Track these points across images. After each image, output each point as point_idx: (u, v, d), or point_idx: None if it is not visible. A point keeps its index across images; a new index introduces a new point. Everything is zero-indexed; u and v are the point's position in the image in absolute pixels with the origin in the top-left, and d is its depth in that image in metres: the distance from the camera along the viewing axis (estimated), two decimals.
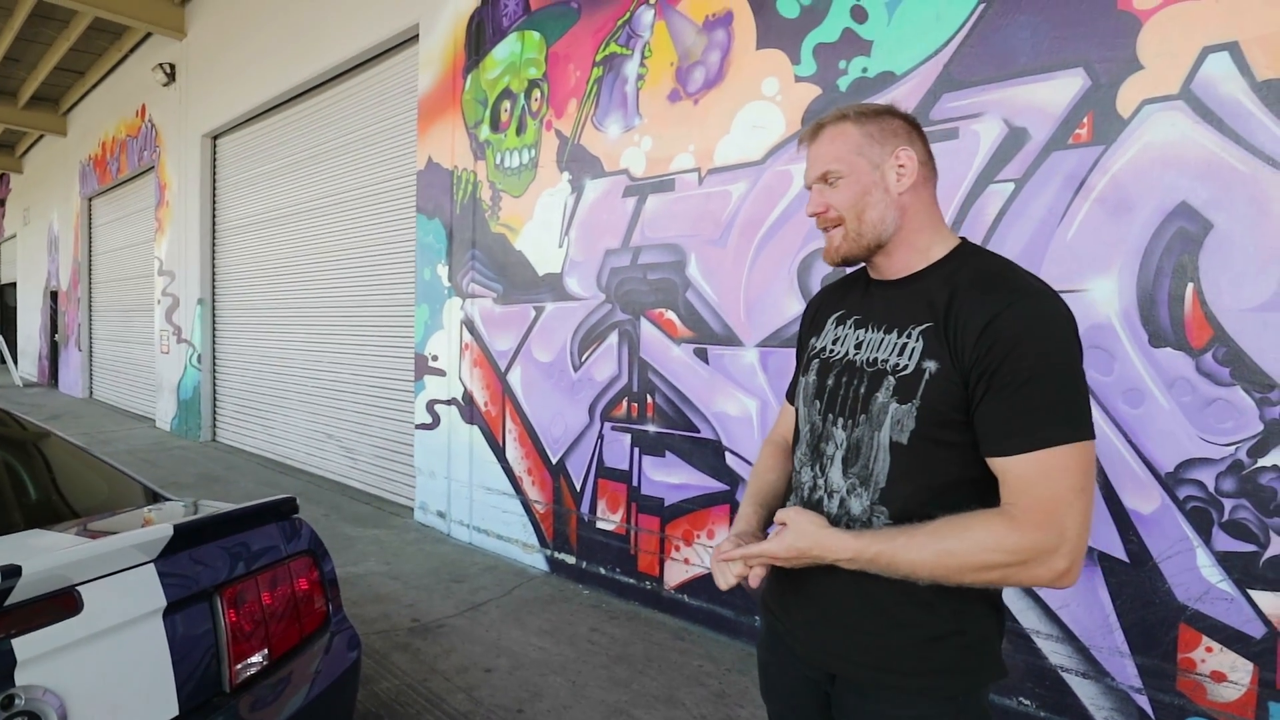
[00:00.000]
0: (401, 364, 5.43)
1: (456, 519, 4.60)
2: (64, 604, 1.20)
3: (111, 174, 10.67)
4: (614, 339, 3.63)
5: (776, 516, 1.07)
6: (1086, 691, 2.23)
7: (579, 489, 3.82)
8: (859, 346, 1.12)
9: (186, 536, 1.42)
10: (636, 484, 3.54)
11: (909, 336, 1.04)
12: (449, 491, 4.66)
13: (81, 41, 9.77)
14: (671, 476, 3.39)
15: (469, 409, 4.50)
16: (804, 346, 1.28)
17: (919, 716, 1.03)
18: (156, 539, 1.36)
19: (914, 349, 1.03)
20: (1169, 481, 2.08)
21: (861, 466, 1.06)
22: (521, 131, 4.11)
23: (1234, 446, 1.98)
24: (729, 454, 3.16)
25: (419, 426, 4.94)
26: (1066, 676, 2.26)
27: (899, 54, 2.62)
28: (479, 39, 4.37)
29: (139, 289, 10.23)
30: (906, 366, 1.03)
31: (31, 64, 10.84)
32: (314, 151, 6.47)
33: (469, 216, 4.47)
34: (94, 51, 10.30)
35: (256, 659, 1.50)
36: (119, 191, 10.88)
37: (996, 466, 0.97)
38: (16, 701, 1.09)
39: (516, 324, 4.17)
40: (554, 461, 3.96)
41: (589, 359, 3.76)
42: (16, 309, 17.84)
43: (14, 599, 1.13)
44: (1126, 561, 2.15)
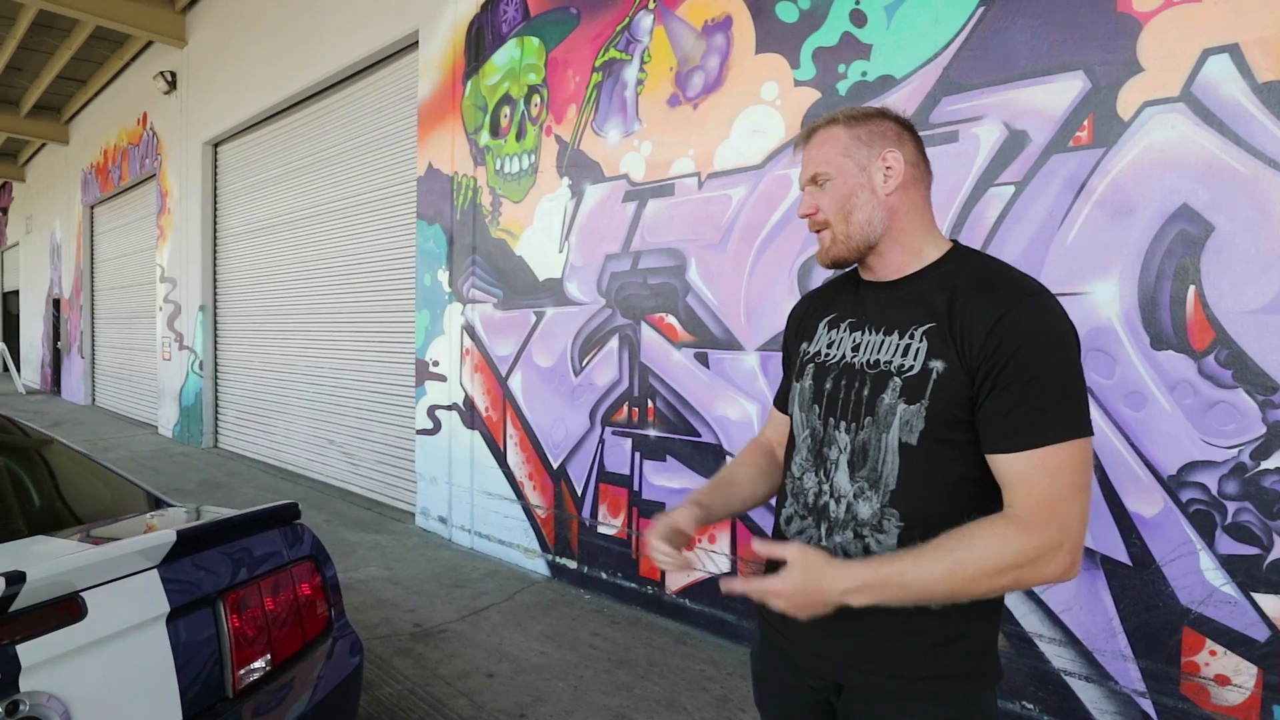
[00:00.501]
0: (402, 369, 5.43)
1: (458, 524, 4.60)
2: (68, 610, 1.20)
3: (113, 182, 10.71)
4: (614, 344, 3.64)
5: (778, 552, 1.01)
6: (1090, 695, 2.22)
7: (580, 494, 3.81)
8: (856, 349, 1.11)
9: (189, 542, 1.42)
10: (638, 488, 3.54)
11: (911, 337, 1.04)
12: (450, 497, 4.66)
13: (83, 50, 9.81)
14: (673, 481, 3.38)
15: (470, 414, 4.50)
16: (793, 353, 1.27)
17: None
18: (159, 545, 1.36)
19: (918, 349, 1.03)
20: (1171, 484, 2.08)
21: (870, 469, 1.05)
22: (521, 137, 4.12)
23: (1237, 449, 1.98)
24: (730, 458, 3.16)
25: (420, 432, 4.94)
26: (1070, 680, 2.26)
27: (898, 58, 2.62)
28: (479, 45, 4.39)
29: (141, 296, 10.25)
30: (912, 367, 1.02)
31: (34, 73, 10.88)
32: (315, 158, 6.49)
33: (469, 222, 4.48)
34: (95, 60, 10.35)
35: (259, 664, 1.49)
36: (121, 199, 10.91)
37: (999, 463, 0.97)
38: (21, 707, 1.09)
39: (517, 329, 4.18)
40: (555, 466, 3.96)
41: (590, 364, 3.76)
42: (19, 317, 17.89)
43: (18, 605, 1.13)
44: (1129, 565, 2.14)
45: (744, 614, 3.11)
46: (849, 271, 1.23)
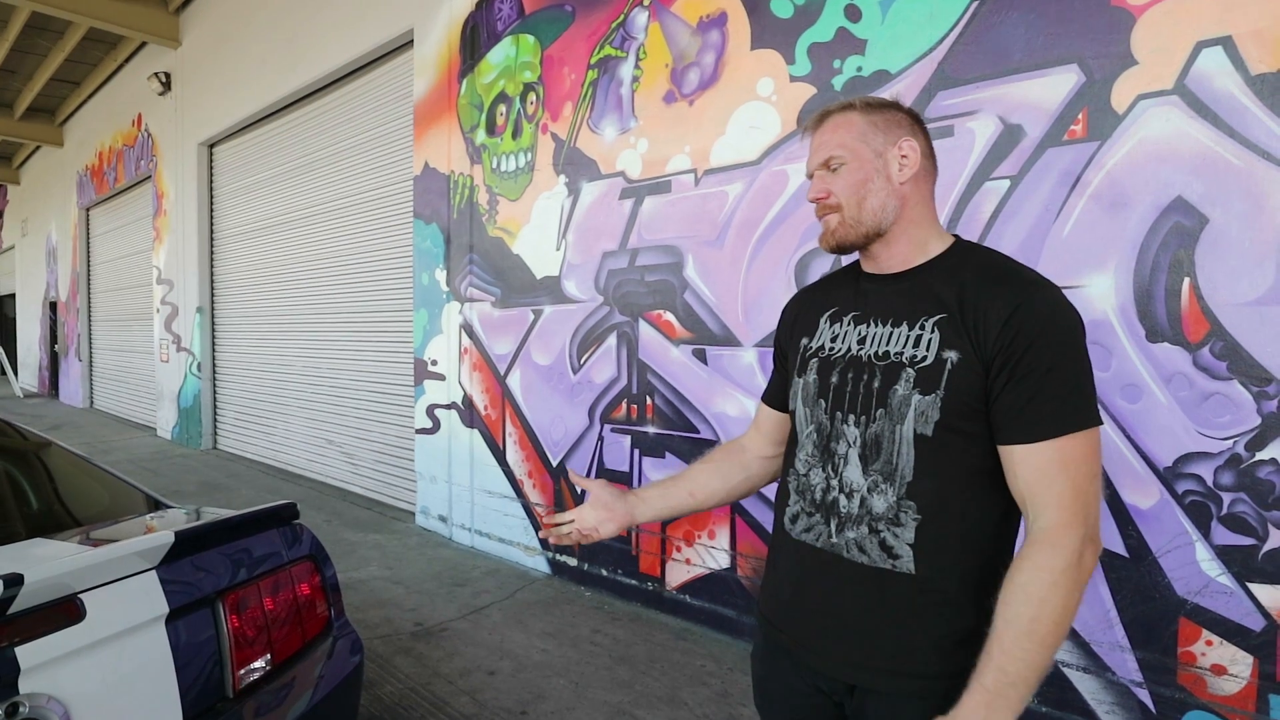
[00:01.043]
0: (401, 369, 5.43)
1: (458, 523, 4.60)
2: (67, 612, 1.20)
3: (109, 184, 10.68)
4: (612, 341, 3.64)
5: None
6: (1087, 686, 2.23)
7: (580, 491, 3.82)
8: (862, 341, 1.10)
9: (188, 543, 1.42)
10: (637, 485, 3.54)
11: (922, 328, 1.03)
12: (450, 496, 4.66)
13: (77, 52, 9.79)
14: None
15: (469, 413, 4.50)
16: (791, 349, 1.24)
17: None
18: (158, 546, 1.37)
19: (930, 340, 1.02)
20: (1167, 476, 2.08)
21: (884, 462, 1.03)
22: (517, 135, 4.12)
23: (1232, 440, 1.98)
24: None
25: (419, 431, 4.94)
26: (1067, 671, 2.26)
27: (893, 52, 2.62)
28: (474, 43, 4.38)
29: (138, 298, 10.23)
30: (926, 358, 1.01)
31: (27, 75, 10.86)
32: (310, 158, 6.48)
33: (466, 221, 4.48)
34: (89, 62, 10.31)
35: (259, 664, 1.50)
36: (116, 201, 10.89)
37: (1015, 454, 0.97)
38: (21, 709, 1.09)
39: (515, 327, 4.18)
40: (554, 464, 3.97)
41: (588, 361, 3.77)
42: (16, 320, 17.86)
43: (17, 607, 1.13)
44: (1126, 556, 2.15)
45: (744, 609, 3.12)
46: (846, 267, 1.23)
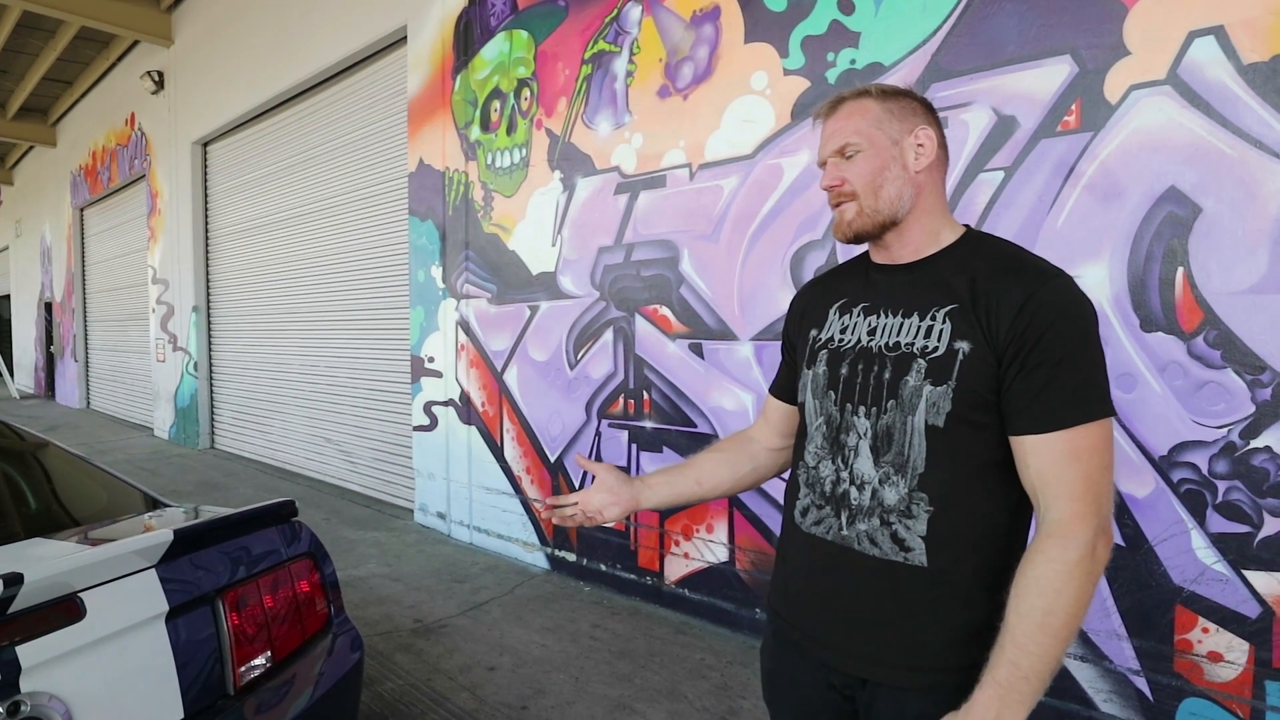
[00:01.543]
0: (398, 366, 5.43)
1: (456, 519, 4.61)
2: (67, 611, 1.20)
3: (102, 183, 10.64)
4: (609, 336, 3.64)
5: None
6: (1085, 675, 2.24)
7: (578, 487, 3.82)
8: (873, 332, 1.08)
9: (187, 541, 1.42)
10: None
11: (933, 319, 1.02)
12: (448, 492, 4.67)
13: (69, 51, 9.73)
14: None
15: (466, 410, 4.51)
16: (800, 340, 1.23)
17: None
18: (157, 544, 1.37)
19: (942, 330, 1.01)
20: (1163, 465, 2.10)
21: (896, 453, 1.02)
22: (512, 131, 4.11)
23: (1226, 429, 1.99)
24: None
25: (417, 428, 4.94)
26: (1065, 660, 2.28)
27: (887, 45, 2.62)
28: (467, 39, 4.37)
29: (133, 298, 10.20)
30: (937, 348, 1.00)
31: (19, 75, 10.79)
32: (305, 156, 6.46)
33: (461, 217, 4.47)
34: (81, 61, 10.26)
35: (260, 661, 1.50)
36: (110, 201, 10.85)
37: (1027, 445, 0.96)
38: (23, 708, 1.10)
39: (511, 324, 4.18)
40: (552, 460, 3.97)
41: (584, 357, 3.77)
42: (11, 321, 17.80)
43: (17, 607, 1.13)
44: (1122, 545, 2.16)
45: (743, 603, 3.13)
46: (854, 258, 1.22)
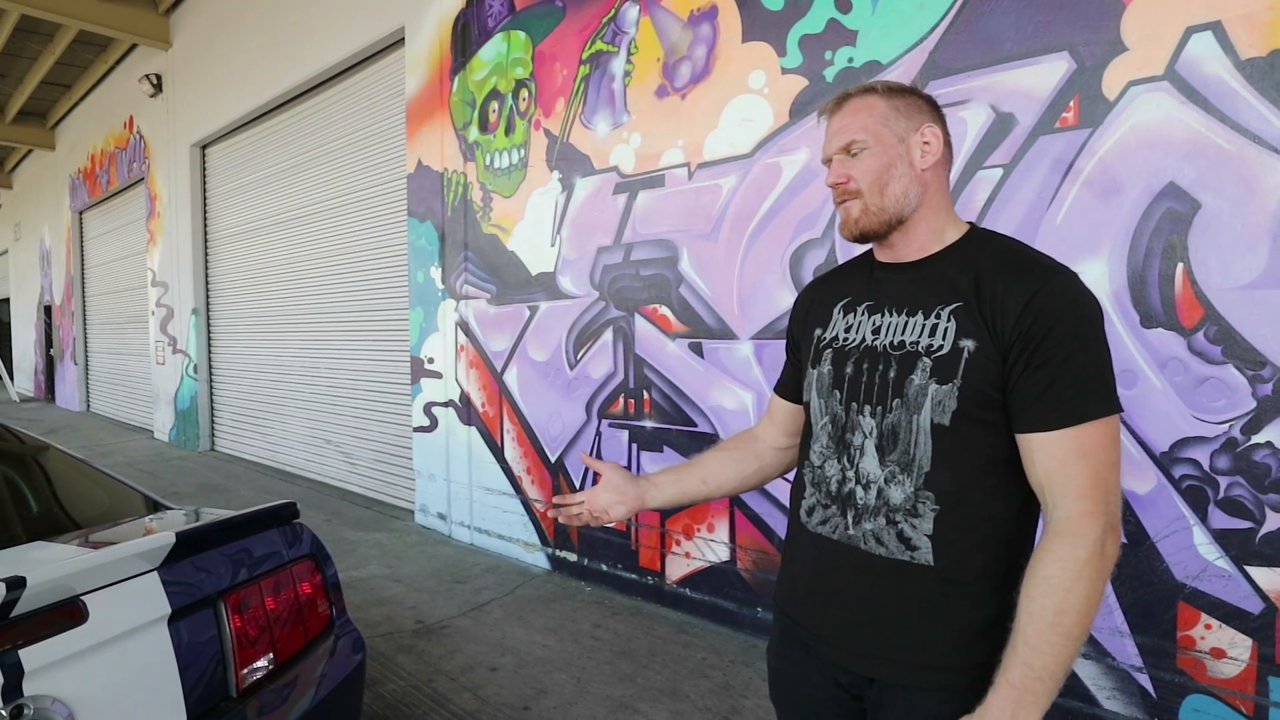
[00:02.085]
0: (397, 368, 5.43)
1: (457, 520, 4.61)
2: (69, 614, 1.20)
3: (101, 187, 10.64)
4: (609, 336, 3.64)
5: None
6: (1088, 672, 2.24)
7: (578, 487, 3.82)
8: (877, 331, 1.08)
9: (189, 544, 1.42)
10: None
11: (938, 317, 1.02)
12: (449, 493, 4.67)
13: (67, 55, 9.73)
14: None
15: (466, 410, 4.50)
16: (805, 340, 1.23)
17: (966, 712, 0.98)
18: (159, 547, 1.37)
19: (946, 329, 1.01)
20: (1164, 461, 2.09)
21: (901, 452, 1.02)
22: (510, 132, 4.11)
23: (1227, 424, 1.99)
24: None
25: (417, 429, 4.94)
26: None
27: (884, 43, 2.62)
28: (465, 40, 4.37)
29: (133, 301, 10.20)
30: (942, 347, 1.00)
31: (17, 79, 10.79)
32: (304, 158, 6.46)
33: (460, 218, 4.47)
34: (80, 65, 10.26)
35: (262, 663, 1.50)
36: (109, 204, 10.85)
37: (1033, 442, 0.96)
38: (26, 711, 1.10)
39: (511, 324, 4.18)
40: (553, 460, 3.97)
41: (584, 357, 3.77)
42: (10, 324, 17.80)
43: (19, 610, 1.13)
44: (1124, 542, 2.16)
45: (744, 602, 3.13)
46: (858, 256, 1.22)
